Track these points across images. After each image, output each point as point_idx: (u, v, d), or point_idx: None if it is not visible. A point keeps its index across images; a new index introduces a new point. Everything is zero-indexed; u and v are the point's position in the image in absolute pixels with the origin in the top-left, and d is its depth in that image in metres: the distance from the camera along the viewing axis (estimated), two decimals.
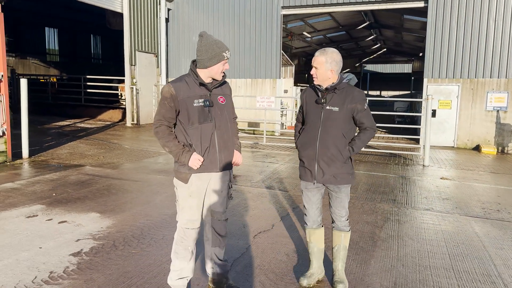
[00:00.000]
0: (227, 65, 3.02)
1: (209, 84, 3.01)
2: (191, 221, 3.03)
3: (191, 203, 3.01)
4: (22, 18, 23.34)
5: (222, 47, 2.97)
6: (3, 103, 7.94)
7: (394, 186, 7.21)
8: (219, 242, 3.18)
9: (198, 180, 3.00)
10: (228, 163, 3.11)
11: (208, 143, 2.99)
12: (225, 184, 3.13)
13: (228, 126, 3.11)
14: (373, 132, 3.23)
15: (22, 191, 6.08)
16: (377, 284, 3.50)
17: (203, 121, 2.96)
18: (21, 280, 3.37)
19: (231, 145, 3.13)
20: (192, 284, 3.40)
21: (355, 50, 36.56)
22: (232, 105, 3.23)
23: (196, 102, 2.95)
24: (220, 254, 3.21)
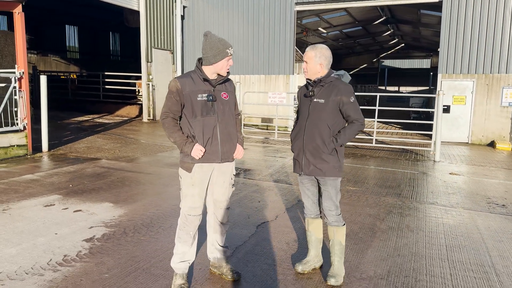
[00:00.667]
0: (231, 61, 3.22)
1: (213, 80, 3.21)
2: (193, 208, 3.22)
3: (193, 191, 3.20)
4: (43, 17, 23.98)
5: (225, 44, 3.16)
6: (23, 99, 8.31)
7: (402, 180, 7.29)
8: (220, 229, 3.40)
9: (201, 170, 3.19)
10: (230, 155, 3.28)
11: (210, 135, 3.16)
12: (227, 175, 3.31)
13: (231, 120, 3.28)
14: (359, 125, 3.31)
15: (41, 182, 6.41)
16: (371, 272, 3.64)
17: (206, 114, 3.15)
18: (37, 262, 3.65)
19: (233, 138, 3.30)
20: (195, 267, 3.61)
21: (372, 45, 36.27)
22: (235, 102, 3.38)
23: (200, 97, 3.14)
24: (221, 240, 3.42)
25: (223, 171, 3.29)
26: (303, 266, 3.59)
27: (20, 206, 5.21)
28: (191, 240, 3.27)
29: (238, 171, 7.66)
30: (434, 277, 3.58)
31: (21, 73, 8.24)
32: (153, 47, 15.20)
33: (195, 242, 3.33)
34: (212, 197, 3.34)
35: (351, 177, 7.41)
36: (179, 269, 3.26)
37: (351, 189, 6.59)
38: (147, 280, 3.40)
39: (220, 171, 3.28)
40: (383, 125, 17.19)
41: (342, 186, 6.71)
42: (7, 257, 3.74)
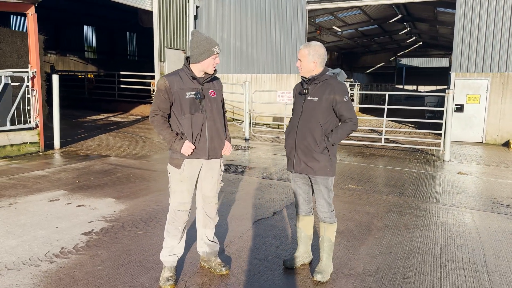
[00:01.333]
0: (217, 60, 3.26)
1: (201, 78, 3.26)
2: (182, 204, 3.29)
3: (182, 187, 3.27)
4: (62, 17, 24.55)
5: (212, 43, 3.22)
6: (36, 97, 8.56)
7: (407, 180, 7.23)
8: (209, 224, 3.47)
9: (190, 166, 3.26)
10: (218, 151, 3.34)
11: (198, 132, 3.22)
12: (215, 171, 3.37)
13: (219, 117, 3.33)
14: (352, 125, 3.29)
15: (49, 178, 6.61)
16: (360, 268, 3.65)
17: (194, 112, 3.21)
18: (35, 254, 3.78)
19: (221, 135, 3.35)
20: (186, 261, 3.69)
21: (389, 43, 35.85)
22: (222, 100, 3.45)
23: (188, 94, 3.20)
24: (209, 235, 3.49)
25: (211, 167, 3.35)
26: (291, 261, 3.63)
27: (26, 200, 5.39)
28: (179, 235, 3.34)
29: (242, 168, 7.73)
30: (423, 274, 3.57)
31: (34, 72, 8.48)
32: (166, 47, 15.39)
33: (184, 236, 3.41)
34: (201, 193, 3.40)
35: (356, 176, 7.39)
36: (167, 262, 3.34)
37: (354, 187, 6.57)
38: (138, 272, 3.49)
39: (208, 167, 3.34)
40: (397, 124, 17.00)
41: (345, 185, 6.70)
42: (7, 248, 3.88)
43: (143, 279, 3.37)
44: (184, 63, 3.31)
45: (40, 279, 3.31)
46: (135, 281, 3.33)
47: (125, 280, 3.33)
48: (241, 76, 15.89)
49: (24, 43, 11.77)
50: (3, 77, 8.04)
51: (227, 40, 16.07)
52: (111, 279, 3.34)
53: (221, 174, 3.47)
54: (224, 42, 16.11)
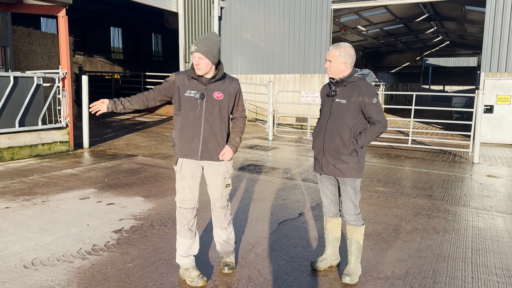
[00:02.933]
0: (197, 60, 3.15)
1: (205, 79, 3.23)
2: (183, 201, 3.30)
3: (183, 184, 3.29)
4: (90, 19, 25.14)
5: (195, 42, 3.18)
6: (66, 97, 8.80)
7: (435, 182, 7.10)
8: (220, 224, 3.44)
9: (187, 165, 3.27)
10: (213, 154, 3.26)
11: (190, 131, 3.22)
12: (219, 174, 3.31)
13: (218, 120, 3.24)
14: (382, 127, 3.26)
15: (79, 177, 6.79)
16: (388, 272, 3.62)
17: (189, 110, 3.20)
18: (68, 250, 3.90)
19: (219, 138, 3.26)
20: (214, 261, 3.73)
21: (415, 43, 35.24)
22: (234, 103, 3.35)
23: (188, 93, 3.21)
24: (222, 235, 3.46)
25: (214, 170, 3.32)
26: (319, 263, 3.62)
27: (58, 198, 5.56)
28: (188, 233, 3.33)
29: (267, 169, 7.75)
30: (454, 279, 3.50)
31: (64, 73, 8.73)
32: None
33: (196, 236, 3.41)
34: (210, 195, 3.41)
35: (382, 178, 7.30)
36: (185, 264, 3.34)
37: (380, 189, 6.50)
38: (167, 270, 3.55)
39: (211, 169, 3.32)
40: (423, 125, 16.70)
41: (371, 187, 6.63)
42: (42, 244, 4.02)
43: (172, 277, 3.43)
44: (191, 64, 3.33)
45: (74, 275, 3.41)
46: (165, 279, 3.39)
47: (155, 278, 3.40)
48: (264, 76, 15.92)
49: (54, 45, 12.13)
50: (35, 78, 8.31)
51: (251, 41, 16.13)
52: (142, 277, 3.41)
53: (227, 177, 3.37)
54: (248, 42, 16.18)
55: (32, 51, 11.59)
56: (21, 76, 8.13)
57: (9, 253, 3.81)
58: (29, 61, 11.49)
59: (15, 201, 5.37)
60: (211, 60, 3.14)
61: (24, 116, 8.18)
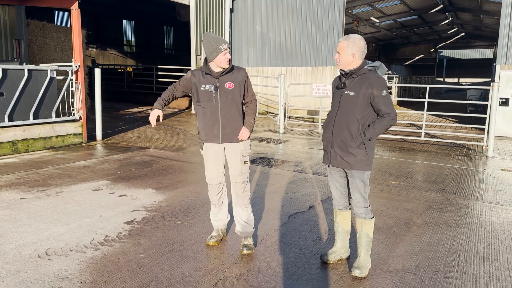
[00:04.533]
0: (228, 55, 3.62)
1: (217, 73, 3.66)
2: (210, 178, 3.91)
3: (208, 165, 3.88)
4: (102, 12, 25.26)
5: (218, 42, 3.58)
6: (79, 90, 8.89)
7: (447, 176, 7.02)
8: (239, 202, 3.84)
9: (210, 149, 3.80)
10: (233, 136, 3.74)
11: (211, 120, 3.70)
12: (237, 152, 3.78)
13: (233, 107, 3.71)
14: (390, 120, 3.23)
15: (92, 169, 6.87)
16: (399, 265, 3.60)
17: (207, 102, 3.68)
18: (81, 241, 3.96)
19: (236, 122, 3.74)
20: (224, 252, 3.77)
21: (429, 34, 34.69)
22: (245, 90, 3.79)
23: (203, 87, 3.69)
24: (242, 215, 3.84)
25: (233, 149, 3.78)
26: (329, 256, 3.62)
27: (71, 189, 5.64)
28: (217, 204, 3.97)
29: (277, 162, 7.75)
30: (465, 273, 3.48)
31: (77, 66, 8.81)
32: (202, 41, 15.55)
33: (223, 206, 4.01)
34: (230, 173, 3.84)
35: (394, 171, 7.24)
36: (214, 225, 4.04)
37: (392, 183, 6.46)
38: (178, 261, 3.59)
39: (231, 149, 3.79)
40: (437, 118, 16.49)
41: (383, 180, 6.60)
42: (56, 235, 4.09)
43: (183, 268, 3.46)
44: (204, 62, 3.72)
45: (87, 265, 3.47)
46: (175, 269, 3.43)
47: (166, 269, 3.44)
48: (276, 69, 15.85)
49: (67, 38, 12.24)
50: (49, 71, 8.40)
51: (262, 33, 16.06)
52: (153, 267, 3.46)
53: (245, 155, 3.82)
54: (260, 35, 16.11)
55: (45, 44, 11.72)
56: (35, 69, 8.23)
57: (24, 242, 3.89)
58: (43, 54, 11.62)
59: (29, 192, 5.47)
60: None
61: (38, 109, 8.30)
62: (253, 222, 3.90)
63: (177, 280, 3.26)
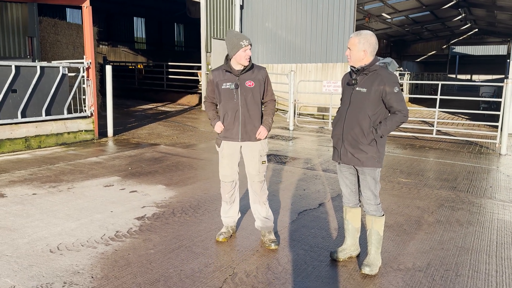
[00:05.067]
0: (248, 52, 3.63)
1: (237, 70, 3.68)
2: (223, 175, 3.91)
3: (223, 162, 3.89)
4: (113, 9, 25.42)
5: (240, 38, 3.60)
6: (91, 87, 8.96)
7: (459, 174, 6.94)
8: (257, 200, 3.89)
9: (227, 146, 3.81)
10: (251, 135, 3.76)
11: (232, 118, 3.72)
12: (255, 152, 3.79)
13: (253, 105, 3.73)
14: (402, 116, 3.20)
15: (103, 165, 6.93)
16: (409, 263, 3.57)
17: (228, 100, 3.71)
18: (92, 236, 4.00)
19: (255, 121, 3.75)
20: (234, 249, 3.77)
21: (441, 31, 34.29)
22: (264, 89, 3.81)
23: (224, 85, 3.71)
24: (261, 211, 3.90)
25: (251, 149, 3.80)
26: (339, 253, 3.61)
27: (83, 185, 5.70)
28: (228, 201, 3.96)
29: (287, 159, 7.73)
30: (477, 272, 3.44)
31: (89, 63, 8.88)
32: (212, 37, 15.57)
33: (234, 204, 4.00)
34: (247, 171, 3.86)
35: (405, 169, 7.18)
36: (224, 222, 4.04)
37: (403, 181, 6.40)
38: (188, 257, 3.61)
39: (248, 148, 3.80)
40: (449, 115, 16.30)
41: (394, 178, 6.54)
42: (68, 230, 4.14)
43: (193, 264, 3.48)
44: (224, 59, 3.75)
45: (98, 261, 3.50)
46: (185, 265, 3.45)
47: (176, 264, 3.46)
48: (286, 65, 15.80)
49: (79, 35, 12.34)
50: (61, 67, 8.48)
51: (272, 30, 16.01)
52: (163, 263, 3.48)
53: (263, 155, 3.84)
54: (270, 31, 16.06)
55: (57, 41, 11.83)
56: (47, 66, 8.31)
57: (36, 237, 3.94)
58: (55, 51, 11.74)
59: (42, 188, 5.54)
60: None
61: (50, 105, 8.39)
62: (273, 217, 3.97)
63: (186, 276, 3.27)
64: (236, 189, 3.97)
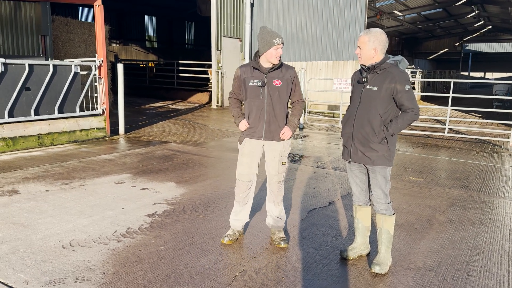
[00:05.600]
0: (280, 50, 3.60)
1: (266, 68, 3.65)
2: (241, 175, 3.84)
3: (242, 160, 3.82)
4: (125, 8, 25.59)
5: (273, 36, 3.56)
6: (102, 85, 9.04)
7: (472, 172, 6.87)
8: (273, 199, 3.89)
9: (249, 144, 3.77)
10: (275, 135, 3.72)
11: (257, 115, 3.68)
12: (276, 152, 3.76)
13: (279, 104, 3.68)
14: (413, 115, 3.18)
15: (115, 162, 7.00)
16: (420, 263, 3.55)
17: (254, 97, 3.68)
18: (104, 233, 4.05)
19: (280, 120, 3.70)
20: (243, 246, 3.79)
21: (454, 28, 33.86)
22: (292, 88, 3.76)
23: (251, 82, 3.69)
24: (274, 210, 3.90)
25: (273, 149, 3.76)
26: (349, 252, 3.60)
27: (94, 182, 5.77)
28: (242, 202, 3.88)
29: (297, 157, 7.72)
30: (489, 272, 3.40)
31: (100, 62, 8.96)
32: (223, 36, 15.59)
33: (247, 206, 3.92)
34: (266, 170, 3.85)
35: (416, 168, 7.13)
36: (232, 225, 3.95)
37: (414, 179, 6.36)
38: (198, 254, 3.63)
39: (270, 148, 3.77)
40: (462, 113, 16.11)
41: (405, 176, 6.50)
42: (80, 227, 4.19)
43: (203, 261, 3.50)
44: (254, 56, 3.73)
45: (109, 257, 3.54)
46: (195, 262, 3.47)
47: (186, 261, 3.49)
48: (296, 63, 15.76)
49: (91, 34, 12.45)
50: (73, 66, 8.57)
51: (283, 27, 15.97)
52: (173, 260, 3.51)
53: (284, 156, 3.80)
54: (280, 29, 16.02)
55: (70, 40, 11.95)
56: (59, 64, 8.41)
57: (49, 233, 4.00)
58: (67, 50, 11.86)
59: (54, 185, 5.61)
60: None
61: (63, 103, 8.48)
62: (285, 217, 3.96)
63: (197, 273, 3.30)
64: (251, 191, 3.90)
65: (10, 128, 7.65)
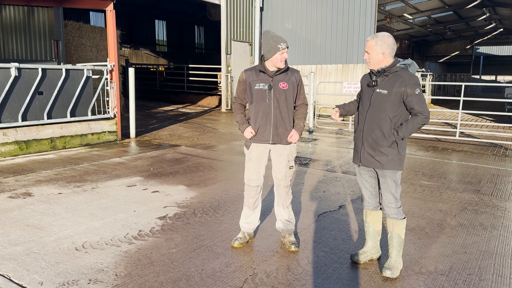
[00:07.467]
0: (285, 54, 3.59)
1: (271, 72, 3.66)
2: (249, 180, 3.84)
3: (250, 165, 3.82)
4: (135, 12, 25.85)
5: (277, 41, 3.56)
6: (114, 89, 9.15)
7: (483, 176, 6.81)
8: (281, 203, 3.89)
9: (256, 149, 3.76)
10: (282, 138, 3.71)
11: (263, 119, 3.67)
12: (283, 156, 3.76)
13: (286, 107, 3.68)
14: (424, 118, 3.17)
15: (126, 165, 7.07)
16: (431, 267, 3.54)
17: (260, 101, 3.67)
18: (116, 235, 4.10)
19: (287, 123, 3.71)
20: (254, 249, 3.80)
21: (465, 31, 33.60)
22: (297, 91, 3.75)
23: (257, 86, 3.67)
24: (283, 214, 3.89)
25: (280, 153, 3.76)
26: (359, 256, 3.60)
27: (106, 185, 5.83)
28: (251, 206, 3.90)
29: (306, 160, 7.73)
30: (501, 277, 3.37)
31: (112, 66, 9.07)
32: (232, 40, 15.67)
33: (257, 210, 3.94)
34: (274, 174, 3.85)
35: (427, 171, 7.08)
36: (242, 227, 3.96)
37: (425, 183, 6.32)
38: (209, 256, 3.66)
39: (277, 152, 3.77)
40: (473, 117, 15.97)
41: (415, 180, 6.47)
42: (92, 229, 4.24)
43: (214, 263, 3.53)
44: (259, 59, 3.72)
45: (121, 259, 3.58)
46: (206, 265, 3.50)
47: (197, 264, 3.51)
48: (306, 67, 15.78)
49: (102, 38, 12.61)
50: (85, 70, 8.69)
51: (292, 31, 16.01)
52: (185, 262, 3.54)
53: (291, 160, 3.80)
54: (290, 32, 16.06)
55: (82, 44, 12.12)
56: (72, 68, 8.53)
57: (62, 236, 4.05)
58: (79, 54, 12.03)
59: (67, 187, 5.69)
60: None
61: (75, 107, 8.60)
62: (294, 220, 3.95)
63: (208, 275, 3.32)
64: (260, 195, 3.93)
65: (23, 132, 7.78)
